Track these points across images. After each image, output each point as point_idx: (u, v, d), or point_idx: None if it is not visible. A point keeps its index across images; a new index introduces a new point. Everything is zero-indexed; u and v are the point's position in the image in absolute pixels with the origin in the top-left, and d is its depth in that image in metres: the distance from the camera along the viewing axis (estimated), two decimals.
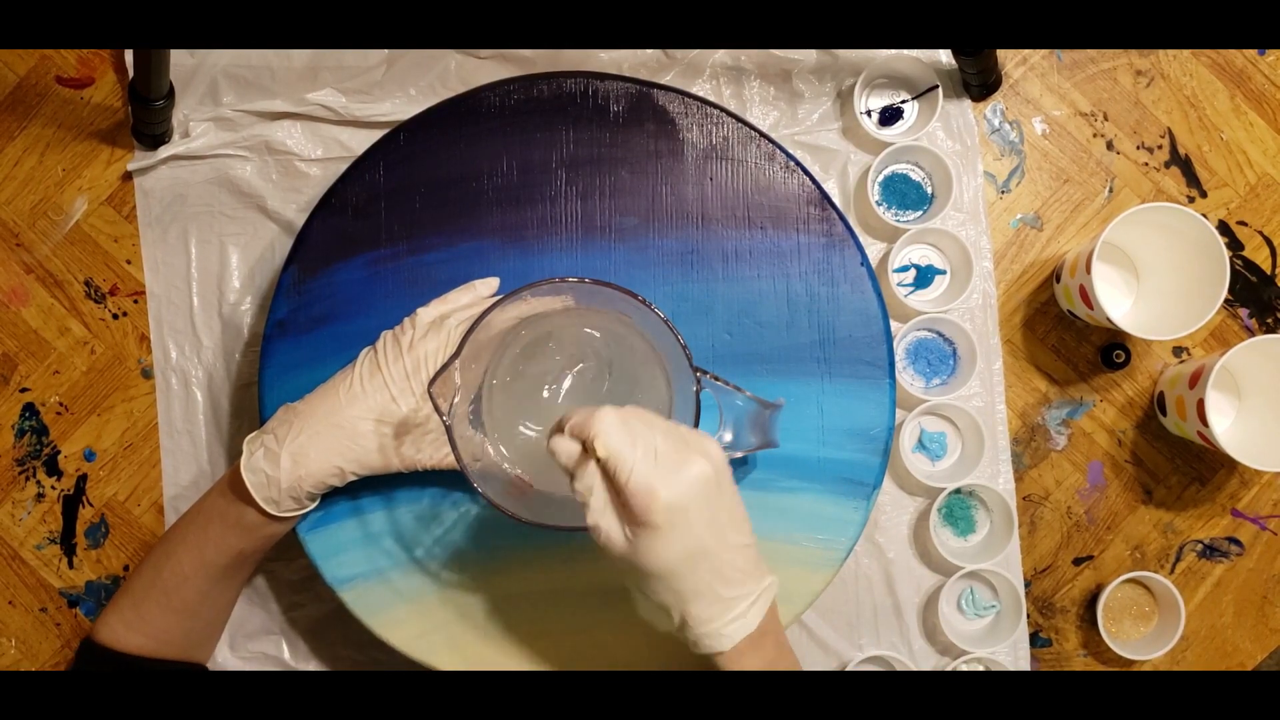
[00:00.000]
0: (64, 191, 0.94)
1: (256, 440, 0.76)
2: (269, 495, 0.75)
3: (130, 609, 0.80)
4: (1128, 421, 0.93)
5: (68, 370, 0.93)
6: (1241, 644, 0.93)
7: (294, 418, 0.76)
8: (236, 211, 0.93)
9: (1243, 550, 0.93)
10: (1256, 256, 0.93)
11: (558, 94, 0.83)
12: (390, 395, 0.74)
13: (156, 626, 0.80)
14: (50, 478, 0.93)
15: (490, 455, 0.73)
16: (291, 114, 0.92)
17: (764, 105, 0.93)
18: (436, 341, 0.75)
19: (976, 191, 0.93)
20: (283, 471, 0.74)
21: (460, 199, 0.83)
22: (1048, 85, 0.94)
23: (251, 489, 0.75)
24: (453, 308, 0.78)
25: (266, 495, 0.75)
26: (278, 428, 0.76)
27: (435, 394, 0.67)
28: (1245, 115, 0.94)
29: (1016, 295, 0.93)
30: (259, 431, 0.77)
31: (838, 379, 0.83)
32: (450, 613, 0.81)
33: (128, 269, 0.93)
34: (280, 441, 0.75)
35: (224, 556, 0.79)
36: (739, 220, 0.83)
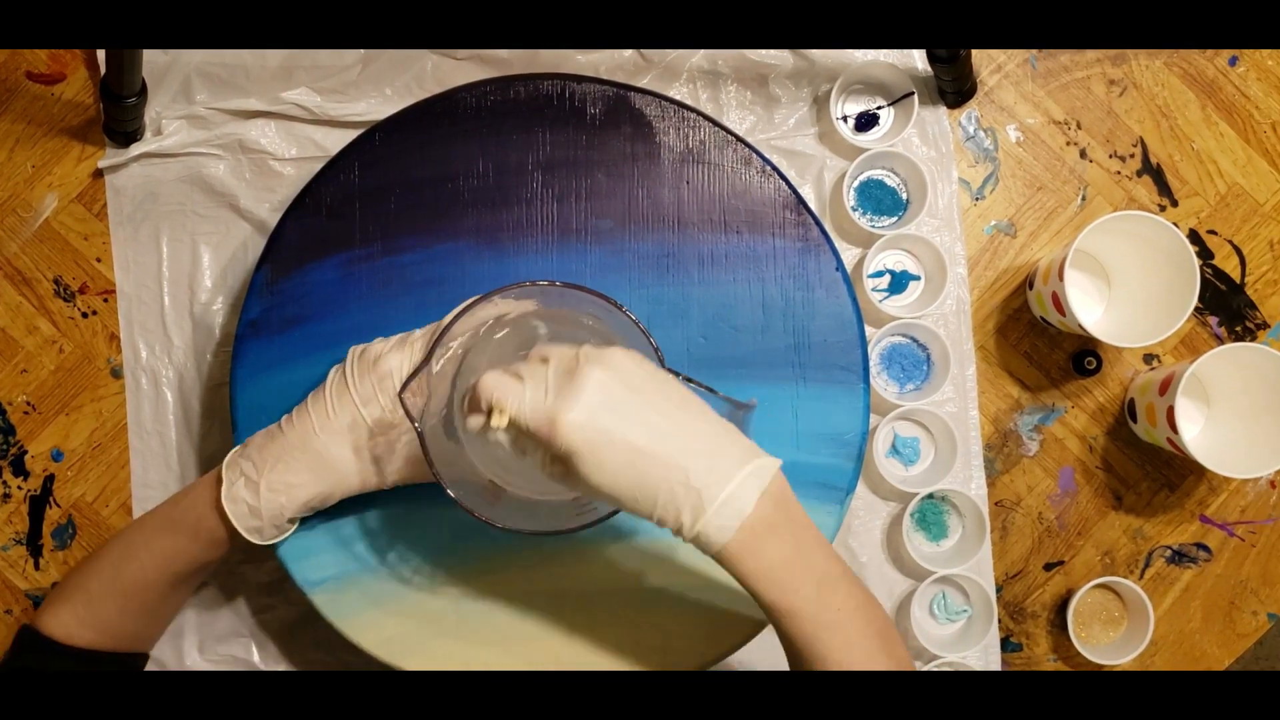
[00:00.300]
0: (33, 188, 0.93)
1: (235, 466, 0.75)
2: (251, 525, 0.74)
3: (84, 605, 0.78)
4: (1099, 428, 0.93)
5: (35, 369, 0.92)
6: (1209, 649, 0.94)
7: (271, 443, 0.75)
8: (209, 210, 0.92)
9: (1211, 556, 0.94)
10: (1226, 265, 0.94)
11: (534, 96, 0.83)
12: (359, 411, 0.74)
13: (111, 624, 0.78)
14: (17, 478, 0.92)
15: (462, 460, 0.73)
16: (266, 113, 0.92)
17: (740, 109, 0.93)
18: (402, 354, 0.75)
19: (951, 198, 0.93)
20: (263, 501, 0.73)
21: (436, 200, 0.83)
22: (1022, 93, 0.95)
23: (234, 519, 0.74)
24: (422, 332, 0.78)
25: (249, 525, 0.74)
26: (256, 453, 0.75)
27: (406, 400, 0.66)
28: (1216, 125, 0.94)
29: (990, 301, 0.94)
30: (237, 453, 0.76)
31: (812, 383, 0.83)
32: (421, 616, 0.81)
33: (98, 267, 0.92)
34: (259, 469, 0.74)
35: (190, 566, 0.78)
36: (715, 224, 0.84)
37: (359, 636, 0.80)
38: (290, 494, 0.74)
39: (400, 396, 0.66)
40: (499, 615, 0.81)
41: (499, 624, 0.81)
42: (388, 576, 0.81)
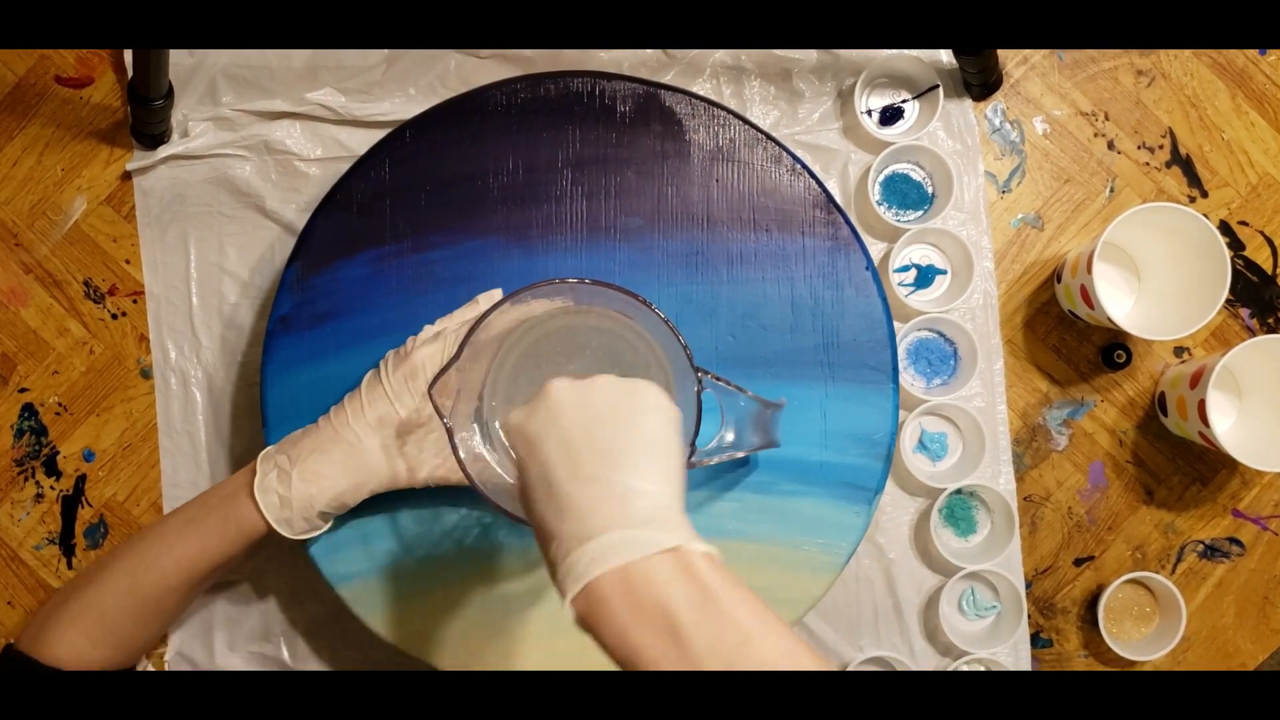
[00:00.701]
0: (63, 191, 0.93)
1: (270, 459, 0.76)
2: (282, 516, 0.75)
3: (97, 623, 0.76)
4: (1129, 422, 0.93)
5: (67, 370, 0.93)
6: (1243, 644, 0.93)
7: (305, 437, 0.76)
8: (236, 211, 0.93)
9: (1244, 551, 0.93)
10: (1258, 256, 0.93)
11: (564, 93, 0.83)
12: (390, 404, 0.74)
13: (128, 638, 0.77)
14: (49, 478, 0.93)
15: (490, 457, 0.73)
16: (291, 114, 0.92)
17: (764, 104, 0.93)
18: (433, 347, 0.75)
19: (977, 191, 0.93)
20: (294, 492, 0.74)
21: (465, 197, 0.83)
22: (1048, 85, 0.94)
23: (264, 509, 0.74)
24: (456, 322, 0.78)
25: (279, 516, 0.75)
26: (290, 448, 0.75)
27: (435, 396, 0.66)
28: (1246, 115, 0.94)
29: (1017, 295, 0.93)
30: (273, 448, 0.77)
31: (841, 383, 0.82)
32: (450, 612, 0.81)
33: (127, 269, 0.93)
34: (292, 461, 0.74)
35: (214, 567, 0.77)
36: (744, 222, 0.83)
37: (387, 632, 0.81)
38: (320, 485, 0.74)
39: (429, 393, 0.66)
40: (528, 612, 0.81)
41: (528, 621, 0.81)
42: (416, 572, 0.81)
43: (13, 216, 0.93)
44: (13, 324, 0.93)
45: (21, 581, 0.92)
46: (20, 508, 0.92)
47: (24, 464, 0.92)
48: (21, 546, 0.92)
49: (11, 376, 0.93)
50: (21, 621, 0.92)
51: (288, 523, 0.75)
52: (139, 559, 0.76)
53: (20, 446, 0.92)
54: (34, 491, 0.92)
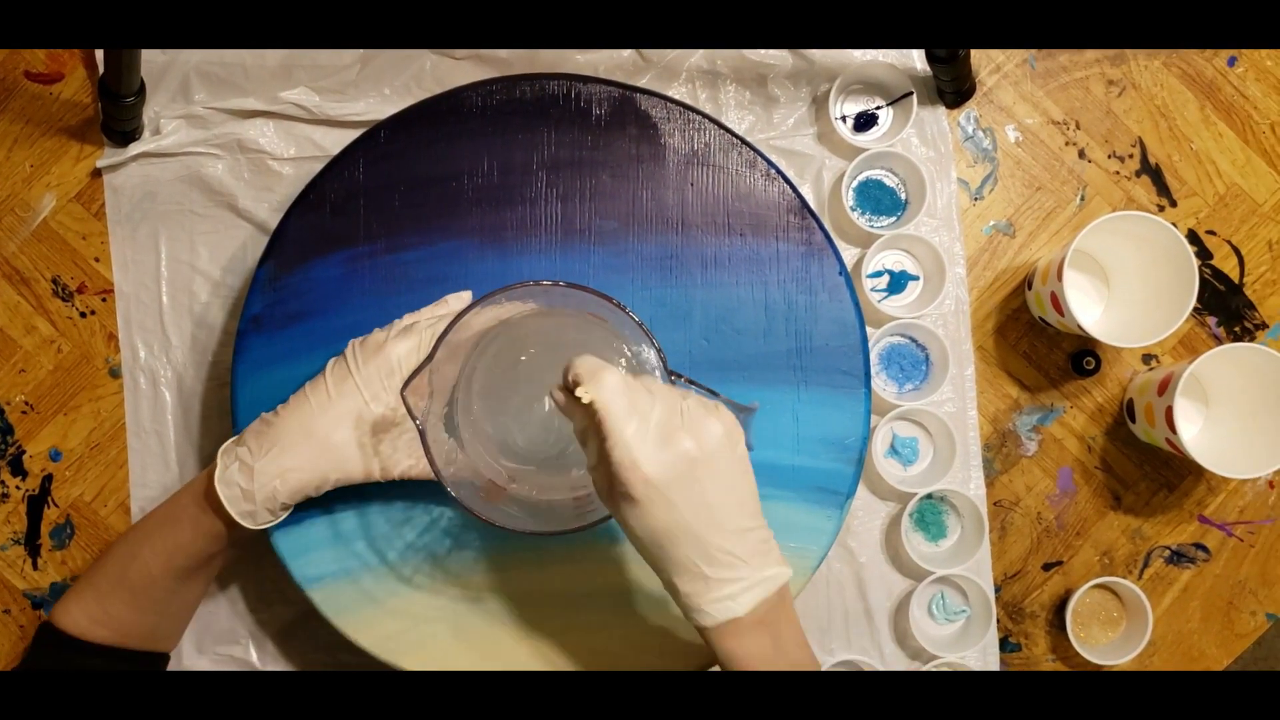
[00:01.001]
0: (31, 188, 0.92)
1: (230, 452, 0.75)
2: (243, 509, 0.74)
3: (94, 603, 0.78)
4: (1097, 428, 0.94)
5: (34, 369, 0.92)
6: (1208, 649, 0.94)
7: (267, 429, 0.75)
8: (207, 210, 0.92)
9: (1210, 556, 0.94)
10: (1225, 266, 0.95)
11: (540, 95, 0.83)
12: (363, 399, 0.74)
13: (122, 621, 0.79)
14: (15, 478, 0.92)
15: (463, 459, 0.73)
16: (264, 112, 0.92)
17: (740, 109, 0.93)
18: (409, 344, 0.75)
19: (950, 198, 0.94)
20: (256, 485, 0.73)
21: (440, 198, 0.83)
22: (1021, 93, 0.95)
23: (226, 502, 0.74)
24: (426, 317, 0.78)
25: (241, 509, 0.74)
26: (251, 439, 0.75)
27: (408, 397, 0.66)
28: (1215, 126, 0.95)
29: (989, 301, 0.94)
30: (233, 441, 0.76)
31: (813, 387, 0.83)
32: (420, 615, 0.81)
33: (96, 267, 0.92)
34: (254, 454, 0.74)
35: (193, 560, 0.78)
36: (719, 227, 0.84)
37: (356, 634, 0.80)
38: (285, 477, 0.74)
39: (403, 394, 0.66)
40: (499, 615, 0.81)
41: (498, 624, 0.81)
42: (386, 575, 0.81)
43: None
44: None
45: None
46: None
47: None
48: None
49: None
50: None
51: (251, 515, 0.75)
52: (129, 545, 0.79)
53: None
54: None
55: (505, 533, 0.68)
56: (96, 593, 0.78)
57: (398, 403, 0.74)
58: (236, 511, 0.74)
